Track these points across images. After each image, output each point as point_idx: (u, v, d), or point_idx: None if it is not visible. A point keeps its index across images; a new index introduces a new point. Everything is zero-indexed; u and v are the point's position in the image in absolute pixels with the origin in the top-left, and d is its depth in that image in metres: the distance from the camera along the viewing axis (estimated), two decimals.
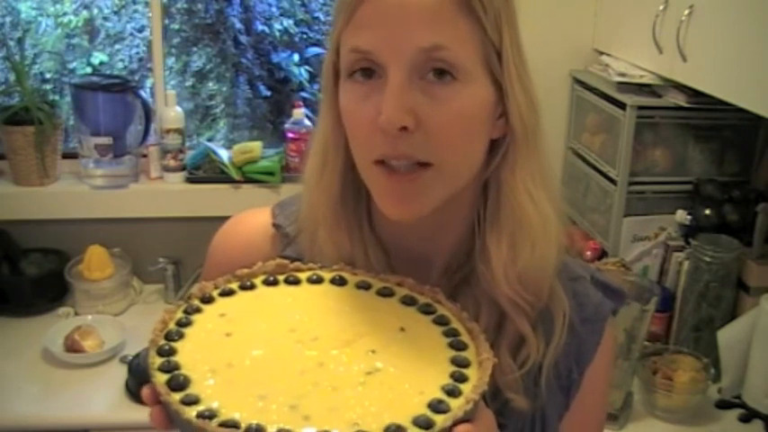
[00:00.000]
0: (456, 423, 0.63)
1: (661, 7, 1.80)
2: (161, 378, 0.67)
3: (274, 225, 0.89)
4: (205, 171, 2.31)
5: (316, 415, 0.64)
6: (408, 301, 0.79)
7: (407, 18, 0.71)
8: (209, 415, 0.63)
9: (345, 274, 0.81)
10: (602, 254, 2.04)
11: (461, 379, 0.69)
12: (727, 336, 1.78)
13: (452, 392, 0.67)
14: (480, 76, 0.75)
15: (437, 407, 0.65)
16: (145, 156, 2.30)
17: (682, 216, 1.95)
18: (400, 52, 0.71)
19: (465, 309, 0.78)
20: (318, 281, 0.81)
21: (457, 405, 0.65)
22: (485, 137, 0.78)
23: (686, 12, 1.69)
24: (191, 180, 2.29)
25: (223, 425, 0.62)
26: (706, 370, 1.78)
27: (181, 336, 0.72)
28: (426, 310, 0.78)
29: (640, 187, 1.99)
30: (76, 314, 2.13)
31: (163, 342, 0.71)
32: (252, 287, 0.79)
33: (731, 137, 2.00)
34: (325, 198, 0.83)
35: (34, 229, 2.25)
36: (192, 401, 0.64)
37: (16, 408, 1.80)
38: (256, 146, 2.30)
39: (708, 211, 1.91)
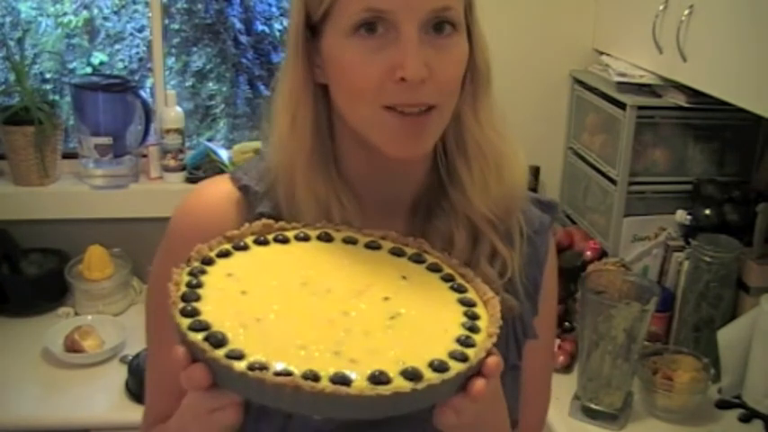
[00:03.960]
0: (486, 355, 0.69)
1: (661, 7, 1.80)
2: (197, 336, 0.66)
3: (241, 188, 0.91)
4: (205, 171, 2.30)
5: (360, 358, 0.66)
6: (398, 252, 0.84)
7: None
8: (259, 366, 0.63)
9: (330, 231, 0.85)
10: (602, 254, 2.04)
11: (474, 317, 0.75)
12: (728, 336, 1.78)
13: (473, 329, 0.73)
14: (464, 27, 0.84)
15: (465, 341, 0.70)
16: (145, 156, 2.30)
17: (682, 216, 1.95)
18: (415, 11, 0.78)
19: (440, 230, 0.87)
20: (306, 238, 0.84)
21: (481, 339, 0.71)
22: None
23: (686, 12, 1.69)
24: (191, 180, 2.29)
25: (278, 374, 0.62)
26: (706, 370, 1.77)
27: (197, 297, 0.72)
28: (417, 259, 0.83)
29: (640, 187, 1.99)
30: (76, 314, 2.13)
31: (183, 304, 0.70)
32: (245, 247, 0.81)
33: (731, 137, 2.00)
34: (298, 149, 0.87)
35: (34, 229, 2.25)
36: (237, 356, 0.64)
37: (16, 408, 1.80)
38: (256, 146, 2.30)
39: (708, 211, 1.91)
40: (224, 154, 2.31)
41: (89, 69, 2.68)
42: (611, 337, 1.67)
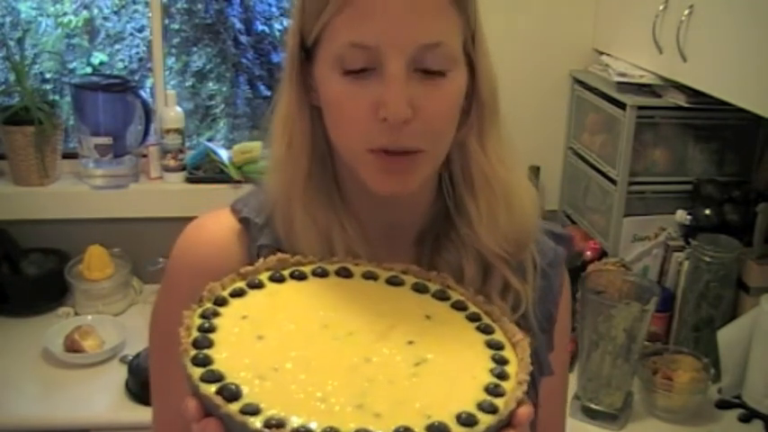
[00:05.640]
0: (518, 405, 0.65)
1: (661, 7, 1.80)
2: (210, 389, 0.62)
3: (241, 220, 0.88)
4: (205, 171, 2.31)
5: (384, 411, 0.62)
6: (421, 289, 0.79)
7: (411, 13, 0.73)
8: (276, 423, 0.59)
9: (349, 266, 0.80)
10: (602, 254, 2.03)
11: (503, 361, 0.70)
12: (727, 336, 1.78)
13: (501, 375, 0.69)
14: (461, 61, 0.79)
15: (494, 390, 0.66)
16: (145, 156, 2.30)
17: (682, 216, 1.95)
18: (402, 47, 0.73)
19: (450, 263, 0.83)
20: (324, 274, 0.79)
21: (510, 387, 0.67)
22: (459, 115, 0.82)
23: (686, 12, 1.69)
24: (191, 180, 2.29)
25: (296, 431, 0.59)
26: (706, 370, 1.78)
27: (210, 343, 0.68)
28: (441, 296, 0.79)
29: (640, 187, 1.99)
30: (76, 314, 2.13)
31: (195, 351, 0.66)
32: (260, 285, 0.77)
33: (731, 137, 2.00)
34: (294, 175, 0.83)
35: (34, 229, 2.25)
36: (252, 411, 0.60)
37: (16, 408, 1.80)
38: (256, 146, 2.30)
39: (708, 211, 1.91)
40: (224, 154, 2.31)
41: (89, 69, 2.69)
42: (611, 337, 1.67)
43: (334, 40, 0.76)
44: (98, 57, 2.70)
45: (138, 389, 1.81)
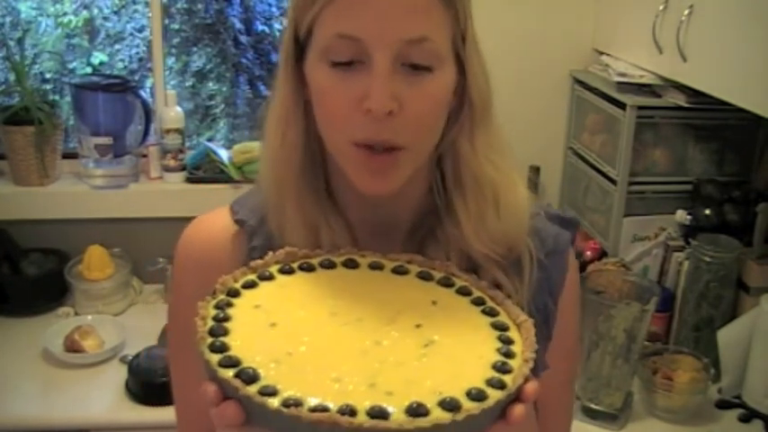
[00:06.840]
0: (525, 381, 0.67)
1: (661, 7, 1.81)
2: (228, 373, 0.65)
3: (236, 221, 0.89)
4: (205, 171, 2.31)
5: (396, 390, 0.65)
6: (425, 276, 0.82)
7: (397, 8, 0.74)
8: (294, 402, 0.62)
9: (355, 257, 0.83)
10: (602, 254, 2.04)
11: (508, 341, 0.73)
12: (727, 336, 1.78)
13: (508, 354, 0.71)
14: (449, 59, 0.79)
15: (502, 368, 0.68)
16: (145, 156, 2.30)
17: (682, 216, 1.95)
18: (389, 41, 0.74)
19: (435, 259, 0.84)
20: (331, 265, 0.82)
21: (517, 365, 0.69)
22: (446, 113, 0.82)
23: (686, 12, 1.69)
24: (191, 180, 2.29)
25: (313, 410, 0.61)
26: (706, 370, 1.78)
27: (225, 331, 0.70)
28: (446, 283, 0.81)
29: (640, 187, 1.99)
30: (76, 314, 2.13)
31: (212, 339, 0.69)
32: (271, 277, 0.79)
33: (731, 137, 2.00)
34: (286, 168, 0.84)
35: (34, 229, 2.25)
36: (270, 393, 0.63)
37: (16, 408, 1.80)
38: (256, 146, 2.30)
39: (708, 211, 1.91)
40: (224, 154, 2.31)
41: (89, 69, 2.69)
42: (611, 337, 1.67)
43: (323, 32, 0.76)
44: (98, 57, 2.70)
45: (138, 389, 1.81)
